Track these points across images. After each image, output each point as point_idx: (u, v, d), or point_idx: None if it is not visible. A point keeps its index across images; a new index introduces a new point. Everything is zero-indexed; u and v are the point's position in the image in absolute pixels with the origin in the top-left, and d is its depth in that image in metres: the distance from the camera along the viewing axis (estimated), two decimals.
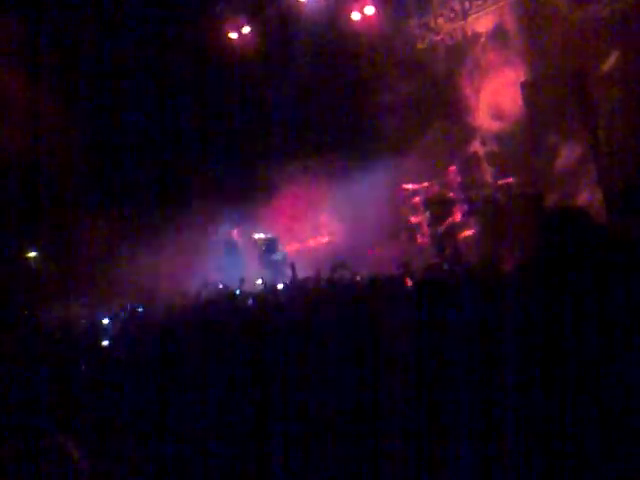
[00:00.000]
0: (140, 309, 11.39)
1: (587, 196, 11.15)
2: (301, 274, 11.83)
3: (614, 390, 3.73)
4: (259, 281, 13.15)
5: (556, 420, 3.89)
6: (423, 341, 5.09)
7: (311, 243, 15.60)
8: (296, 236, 15.89)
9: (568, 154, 11.88)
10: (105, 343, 9.84)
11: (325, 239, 15.60)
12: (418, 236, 14.24)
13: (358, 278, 9.10)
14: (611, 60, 11.79)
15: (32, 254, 17.94)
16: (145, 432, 7.28)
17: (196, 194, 16.43)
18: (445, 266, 8.07)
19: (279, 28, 16.64)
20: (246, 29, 17.12)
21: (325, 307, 6.43)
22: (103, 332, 10.44)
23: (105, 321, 11.13)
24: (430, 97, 14.86)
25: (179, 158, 17.35)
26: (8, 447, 7.66)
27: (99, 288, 15.22)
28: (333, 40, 16.16)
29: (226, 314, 7.84)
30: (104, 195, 16.80)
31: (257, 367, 6.36)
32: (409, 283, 7.00)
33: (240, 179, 16.82)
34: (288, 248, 15.60)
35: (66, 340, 9.98)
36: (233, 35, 17.26)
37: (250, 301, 8.59)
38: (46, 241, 17.30)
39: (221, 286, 13.38)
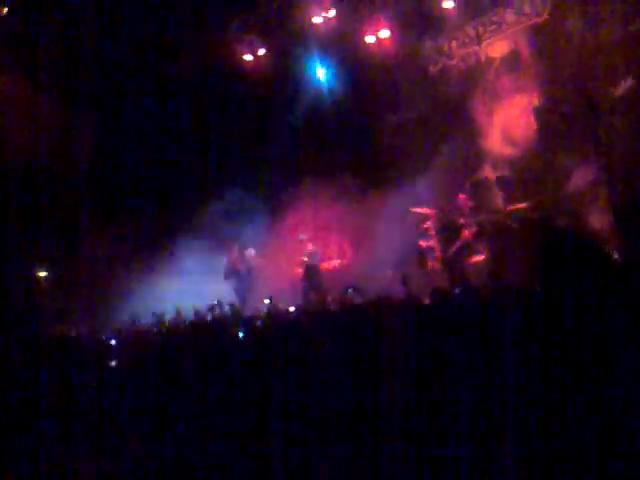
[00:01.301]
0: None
1: (598, 220, 11.03)
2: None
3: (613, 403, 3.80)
4: (267, 301, 13.18)
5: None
6: (426, 361, 5.12)
7: (323, 265, 15.49)
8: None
9: (580, 178, 11.81)
10: (113, 364, 9.80)
11: (336, 262, 15.51)
12: (429, 260, 14.12)
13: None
14: (624, 84, 11.72)
15: (43, 274, 17.97)
16: (146, 433, 7.28)
17: (203, 217, 16.40)
18: (453, 290, 8.01)
19: (293, 50, 16.68)
20: (261, 51, 17.14)
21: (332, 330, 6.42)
22: (109, 351, 10.41)
23: (112, 342, 11.10)
24: (442, 121, 14.83)
25: (182, 178, 17.38)
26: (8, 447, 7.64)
27: (105, 307, 15.23)
28: (347, 63, 16.17)
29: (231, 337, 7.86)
30: (112, 216, 16.78)
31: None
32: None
33: (249, 201, 16.79)
34: (297, 270, 15.54)
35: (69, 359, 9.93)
36: (248, 57, 17.28)
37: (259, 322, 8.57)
38: (52, 261, 17.31)
39: (227, 307, 13.40)
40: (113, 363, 9.60)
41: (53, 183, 16.47)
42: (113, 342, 10.98)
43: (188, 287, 15.00)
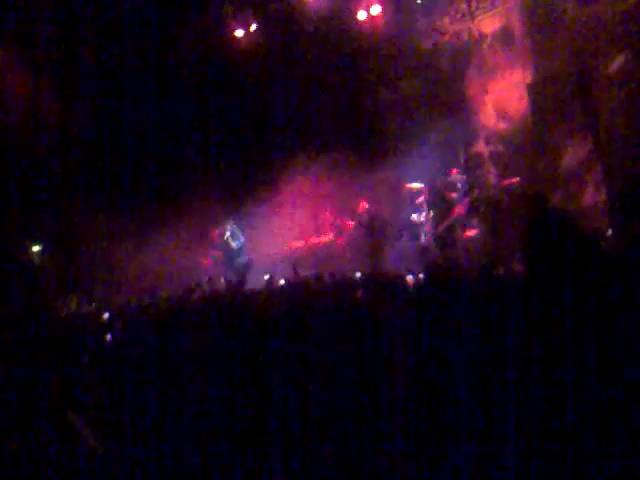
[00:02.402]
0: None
1: (591, 196, 11.13)
2: (304, 272, 11.87)
3: (612, 393, 3.77)
4: (266, 276, 13.19)
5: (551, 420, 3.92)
6: (422, 339, 5.10)
7: (314, 241, 15.55)
8: (300, 234, 15.86)
9: (572, 155, 11.88)
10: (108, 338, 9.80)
11: (329, 237, 15.56)
12: (421, 235, 14.22)
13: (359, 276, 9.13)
14: (615, 62, 11.76)
15: (35, 249, 17.88)
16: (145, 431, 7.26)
17: (197, 192, 16.38)
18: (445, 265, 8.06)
19: (283, 26, 16.61)
20: (252, 27, 17.05)
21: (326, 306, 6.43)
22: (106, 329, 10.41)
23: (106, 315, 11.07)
24: (435, 97, 14.85)
25: (180, 155, 17.35)
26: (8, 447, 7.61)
27: (101, 284, 15.23)
28: (338, 39, 16.13)
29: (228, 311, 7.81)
30: (105, 190, 16.74)
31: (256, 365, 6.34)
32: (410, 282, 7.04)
33: (242, 177, 16.81)
34: (292, 245, 15.61)
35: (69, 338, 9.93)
36: (239, 32, 17.20)
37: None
38: (47, 236, 17.25)
39: (223, 281, 13.41)
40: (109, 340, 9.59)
41: (50, 161, 16.43)
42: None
43: (187, 262, 15.04)
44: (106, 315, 11.01)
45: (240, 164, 17.11)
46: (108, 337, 9.80)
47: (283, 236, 15.80)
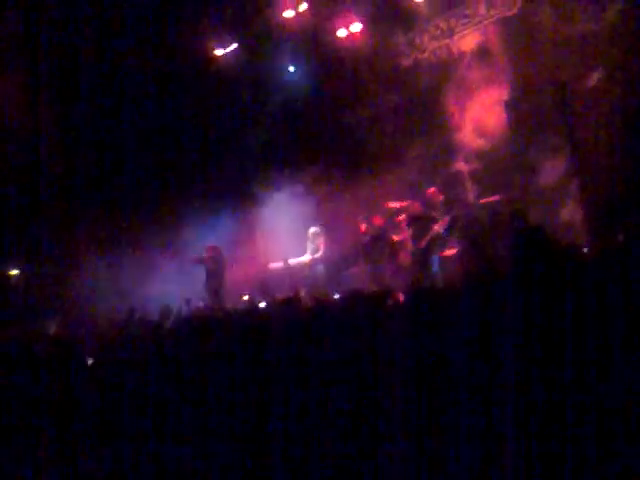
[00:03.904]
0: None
1: (569, 213, 11.04)
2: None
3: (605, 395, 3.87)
4: (245, 297, 13.02)
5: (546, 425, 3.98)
6: (410, 354, 5.12)
7: (293, 262, 15.35)
8: (279, 254, 15.67)
9: (551, 171, 11.80)
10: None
11: (307, 258, 15.38)
12: (401, 254, 14.06)
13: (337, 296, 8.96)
14: (594, 76, 11.74)
15: (13, 272, 17.74)
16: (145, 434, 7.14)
17: (173, 211, 16.26)
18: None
19: (264, 44, 16.55)
20: (232, 46, 17.01)
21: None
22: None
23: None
24: (414, 114, 14.77)
25: (156, 173, 17.24)
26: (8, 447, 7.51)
27: (77, 305, 15.03)
28: (318, 56, 16.10)
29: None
30: (84, 210, 16.63)
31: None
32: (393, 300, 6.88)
33: (219, 197, 16.65)
34: (272, 266, 15.44)
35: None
36: (218, 52, 17.15)
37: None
38: (25, 258, 17.10)
39: (202, 304, 13.24)
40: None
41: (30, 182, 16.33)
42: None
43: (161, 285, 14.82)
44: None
45: (217, 181, 16.96)
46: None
47: (262, 255, 15.67)
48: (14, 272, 17.71)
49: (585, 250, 7.63)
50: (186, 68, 17.12)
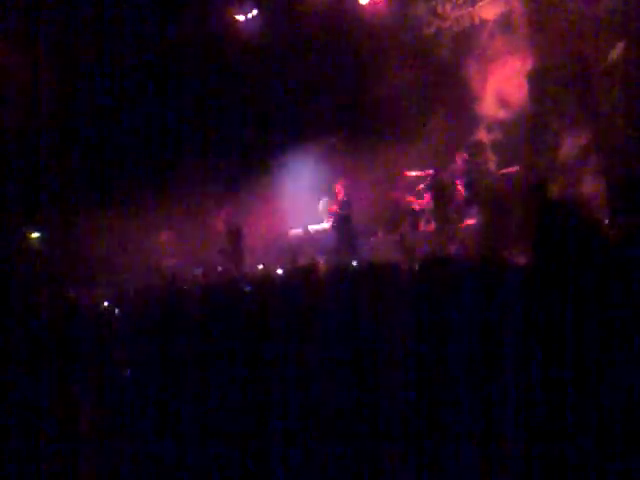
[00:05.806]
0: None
1: (590, 186, 11.10)
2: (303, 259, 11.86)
3: (614, 390, 3.69)
4: (260, 266, 13.17)
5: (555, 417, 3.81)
6: (422, 331, 5.10)
7: (314, 228, 15.49)
8: (298, 221, 15.82)
9: (572, 144, 11.84)
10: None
11: (328, 224, 15.52)
12: (421, 223, 14.21)
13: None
14: (615, 51, 11.71)
15: (34, 235, 17.84)
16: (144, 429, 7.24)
17: (196, 180, 16.35)
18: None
19: (283, 13, 16.54)
20: (252, 12, 17.01)
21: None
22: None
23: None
24: (436, 84, 14.78)
25: (176, 141, 17.33)
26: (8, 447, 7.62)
27: (102, 271, 15.19)
28: (339, 25, 16.05)
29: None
30: (105, 178, 16.76)
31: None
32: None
33: (241, 164, 16.76)
34: (292, 233, 15.59)
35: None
36: (240, 17, 17.15)
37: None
38: (47, 222, 17.24)
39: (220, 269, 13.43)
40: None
41: (51, 150, 16.43)
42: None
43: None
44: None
45: (239, 148, 17.05)
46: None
47: (282, 221, 15.78)
48: (34, 235, 17.78)
49: (606, 222, 7.79)
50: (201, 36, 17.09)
